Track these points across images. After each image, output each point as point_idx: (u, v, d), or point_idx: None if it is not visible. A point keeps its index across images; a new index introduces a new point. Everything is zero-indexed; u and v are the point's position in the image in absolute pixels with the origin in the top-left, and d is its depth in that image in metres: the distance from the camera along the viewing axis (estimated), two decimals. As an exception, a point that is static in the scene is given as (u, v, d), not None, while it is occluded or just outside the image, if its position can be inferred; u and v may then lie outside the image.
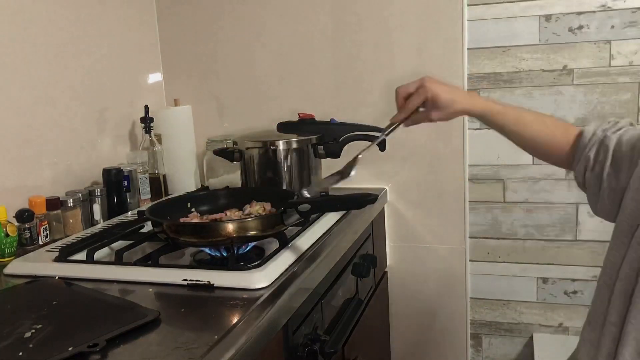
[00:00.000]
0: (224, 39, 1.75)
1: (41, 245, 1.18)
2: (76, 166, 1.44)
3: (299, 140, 1.41)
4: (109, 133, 1.57)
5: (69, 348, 0.71)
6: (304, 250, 1.05)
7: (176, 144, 1.65)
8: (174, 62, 1.81)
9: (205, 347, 0.71)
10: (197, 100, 1.78)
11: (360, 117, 1.58)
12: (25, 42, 1.30)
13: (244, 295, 0.87)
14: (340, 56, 1.67)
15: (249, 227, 1.01)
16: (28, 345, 0.73)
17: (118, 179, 1.42)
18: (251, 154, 1.43)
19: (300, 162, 1.41)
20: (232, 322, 0.78)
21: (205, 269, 0.96)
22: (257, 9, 1.71)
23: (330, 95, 1.69)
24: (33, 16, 1.33)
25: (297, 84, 1.71)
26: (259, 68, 1.74)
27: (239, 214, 1.14)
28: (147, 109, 1.54)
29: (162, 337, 0.76)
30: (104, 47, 1.55)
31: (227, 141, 1.58)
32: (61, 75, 1.41)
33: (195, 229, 1.04)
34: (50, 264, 1.03)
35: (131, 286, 0.94)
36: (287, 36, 1.70)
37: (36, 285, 0.95)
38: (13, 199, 1.21)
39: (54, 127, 1.38)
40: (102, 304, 0.86)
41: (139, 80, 1.73)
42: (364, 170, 1.63)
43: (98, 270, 0.99)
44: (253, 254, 1.06)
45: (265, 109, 1.74)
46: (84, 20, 1.48)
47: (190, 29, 1.78)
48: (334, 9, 1.65)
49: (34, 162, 1.32)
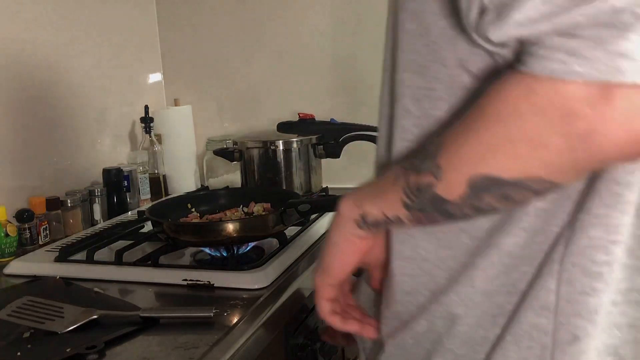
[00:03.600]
0: (224, 39, 1.75)
1: (41, 245, 1.18)
2: (76, 166, 1.44)
3: (299, 140, 1.41)
4: (109, 133, 1.57)
5: (67, 349, 0.71)
6: (304, 250, 1.05)
7: (176, 144, 1.65)
8: (174, 62, 1.81)
9: (205, 347, 0.71)
10: (197, 100, 1.78)
11: (360, 117, 1.58)
12: (25, 42, 1.30)
13: (244, 295, 0.87)
14: (340, 56, 1.67)
15: (249, 227, 1.01)
16: (26, 346, 0.73)
17: (118, 179, 1.42)
18: (251, 154, 1.43)
19: (300, 162, 1.41)
20: (232, 322, 0.78)
21: (205, 269, 0.96)
22: (257, 9, 1.71)
23: (330, 95, 1.69)
24: (33, 16, 1.33)
25: (297, 84, 1.71)
26: (259, 68, 1.74)
27: (239, 214, 1.13)
28: (147, 109, 1.54)
29: (162, 337, 0.76)
30: (104, 47, 1.55)
31: (227, 141, 1.57)
32: (61, 75, 1.40)
33: (195, 229, 1.04)
34: (50, 264, 1.03)
35: (131, 286, 0.94)
36: (287, 36, 1.70)
37: (36, 285, 0.95)
38: (13, 199, 1.21)
39: (54, 127, 1.38)
40: (101, 304, 0.86)
41: (139, 80, 1.73)
42: (364, 170, 1.63)
43: (98, 270, 0.99)
44: (253, 254, 1.06)
45: (265, 109, 1.74)
46: (84, 20, 1.48)
47: (190, 29, 1.78)
48: (334, 9, 1.65)
49: (34, 162, 1.32)
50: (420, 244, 0.55)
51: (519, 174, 0.43)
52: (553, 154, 0.41)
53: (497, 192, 0.44)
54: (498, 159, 0.43)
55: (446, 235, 0.54)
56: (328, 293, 0.62)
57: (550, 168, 0.42)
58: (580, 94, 0.38)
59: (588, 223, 0.47)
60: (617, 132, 0.38)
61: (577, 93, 0.38)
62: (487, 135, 0.43)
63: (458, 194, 0.46)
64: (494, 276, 0.51)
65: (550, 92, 0.39)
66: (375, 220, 0.54)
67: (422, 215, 0.50)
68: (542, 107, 0.40)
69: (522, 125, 0.41)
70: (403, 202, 0.50)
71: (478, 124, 0.44)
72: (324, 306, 0.63)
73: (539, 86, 0.40)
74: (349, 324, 0.63)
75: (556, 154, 0.41)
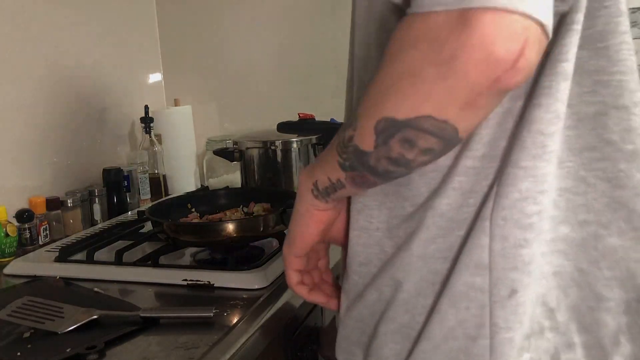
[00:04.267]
0: (224, 39, 1.75)
1: (41, 245, 1.18)
2: (76, 166, 1.44)
3: (299, 140, 1.41)
4: (109, 133, 1.57)
5: (67, 349, 0.71)
6: (304, 250, 1.05)
7: (176, 144, 1.65)
8: (174, 62, 1.81)
9: (205, 347, 0.71)
10: (197, 100, 1.78)
11: (361, 117, 1.58)
12: (26, 42, 1.30)
13: (244, 295, 0.87)
14: (340, 56, 1.66)
15: (249, 227, 1.01)
16: (26, 346, 0.73)
17: (118, 179, 1.42)
18: (251, 154, 1.43)
19: (300, 162, 1.41)
20: (232, 322, 0.78)
21: (205, 269, 0.96)
22: (257, 9, 1.71)
23: (330, 95, 1.68)
24: (33, 16, 1.33)
25: (297, 84, 1.71)
26: (259, 68, 1.74)
27: (239, 214, 1.13)
28: (147, 109, 1.54)
29: (162, 337, 0.76)
30: (104, 47, 1.55)
31: (227, 141, 1.57)
32: (61, 75, 1.40)
33: (195, 229, 1.04)
34: (50, 264, 1.03)
35: (131, 286, 0.94)
36: (287, 36, 1.70)
37: (36, 285, 0.95)
38: (13, 199, 1.21)
39: (54, 127, 1.38)
40: (101, 304, 0.86)
41: (139, 80, 1.73)
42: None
43: (98, 270, 0.99)
44: (253, 254, 1.06)
45: (265, 109, 1.74)
46: (84, 20, 1.48)
47: (190, 29, 1.78)
48: (334, 9, 1.65)
49: (34, 162, 1.32)
50: (374, 214, 0.56)
51: (409, 112, 0.43)
52: (428, 84, 0.41)
53: (399, 136, 0.44)
54: (390, 98, 0.44)
55: (394, 205, 0.55)
56: (294, 264, 0.63)
57: (433, 103, 0.42)
58: (442, 22, 0.40)
59: (516, 176, 0.48)
60: (478, 56, 0.39)
61: (439, 21, 0.40)
62: (383, 77, 0.45)
63: (370, 142, 0.46)
64: (429, 239, 0.52)
65: (422, 24, 0.41)
66: (324, 187, 0.55)
67: (356, 174, 0.51)
68: (415, 38, 0.41)
69: (403, 60, 0.43)
70: (338, 162, 0.51)
71: (379, 69, 0.45)
72: (291, 276, 0.64)
73: (415, 20, 0.41)
74: (314, 295, 0.65)
75: (431, 85, 0.41)
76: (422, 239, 0.52)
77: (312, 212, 0.59)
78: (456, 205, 0.51)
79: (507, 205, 0.48)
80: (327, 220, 0.60)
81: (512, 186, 0.48)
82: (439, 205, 0.51)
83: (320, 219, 0.59)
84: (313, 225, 0.60)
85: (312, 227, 0.60)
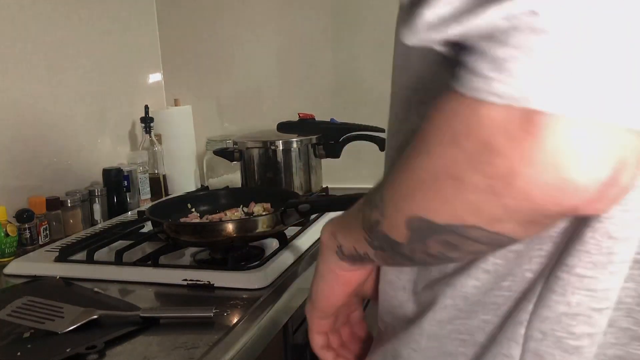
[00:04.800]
0: (224, 39, 1.75)
1: (41, 245, 1.18)
2: (76, 166, 1.44)
3: (299, 140, 1.41)
4: (109, 133, 1.57)
5: (67, 349, 0.71)
6: (304, 250, 1.05)
7: (176, 144, 1.65)
8: (174, 62, 1.81)
9: (205, 347, 0.71)
10: (197, 100, 1.78)
11: (360, 117, 1.58)
12: (26, 42, 1.30)
13: (244, 295, 0.87)
14: (340, 56, 1.67)
15: (248, 227, 1.00)
16: (26, 346, 0.73)
17: (118, 179, 1.42)
18: (251, 154, 1.43)
19: (300, 162, 1.41)
20: (232, 322, 0.78)
21: (205, 269, 0.96)
22: (257, 9, 1.71)
23: (330, 95, 1.69)
24: (33, 16, 1.33)
25: (297, 84, 1.71)
26: (259, 68, 1.74)
27: (239, 214, 1.13)
28: (147, 109, 1.54)
29: (162, 337, 0.76)
30: (104, 47, 1.55)
31: (227, 141, 1.57)
32: (61, 75, 1.40)
33: (195, 229, 1.04)
34: (50, 264, 1.03)
35: (131, 286, 0.94)
36: (287, 36, 1.70)
37: (36, 285, 0.95)
38: (13, 199, 1.21)
39: (54, 127, 1.38)
40: (101, 304, 0.86)
41: (139, 80, 1.73)
42: (364, 170, 1.63)
43: (98, 270, 0.99)
44: (253, 254, 1.06)
45: (265, 109, 1.74)
46: (84, 20, 1.48)
47: (190, 29, 1.78)
48: (334, 9, 1.65)
49: (34, 162, 1.32)
50: (404, 269, 0.49)
51: (449, 219, 0.34)
52: (476, 195, 0.32)
53: (438, 239, 0.36)
54: (427, 198, 0.35)
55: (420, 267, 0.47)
56: (319, 326, 0.57)
57: (481, 215, 0.33)
58: (498, 120, 0.29)
59: (568, 283, 0.38)
60: (547, 178, 0.29)
61: (494, 117, 0.29)
62: (416, 166, 0.35)
63: (403, 236, 0.38)
64: (446, 320, 0.44)
65: (471, 117, 0.30)
66: (351, 254, 0.47)
67: (386, 255, 0.42)
68: (460, 135, 0.31)
69: (441, 156, 0.33)
70: (365, 239, 0.43)
71: (410, 152, 0.36)
72: (316, 339, 0.58)
73: (462, 108, 0.31)
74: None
75: (480, 196, 0.32)
76: (436, 318, 0.44)
77: (337, 273, 0.51)
78: (485, 289, 0.41)
79: (550, 319, 0.38)
80: (356, 281, 0.52)
81: (560, 296, 0.38)
82: (463, 287, 0.42)
83: (348, 280, 0.51)
84: (338, 286, 0.52)
85: (337, 288, 0.52)
